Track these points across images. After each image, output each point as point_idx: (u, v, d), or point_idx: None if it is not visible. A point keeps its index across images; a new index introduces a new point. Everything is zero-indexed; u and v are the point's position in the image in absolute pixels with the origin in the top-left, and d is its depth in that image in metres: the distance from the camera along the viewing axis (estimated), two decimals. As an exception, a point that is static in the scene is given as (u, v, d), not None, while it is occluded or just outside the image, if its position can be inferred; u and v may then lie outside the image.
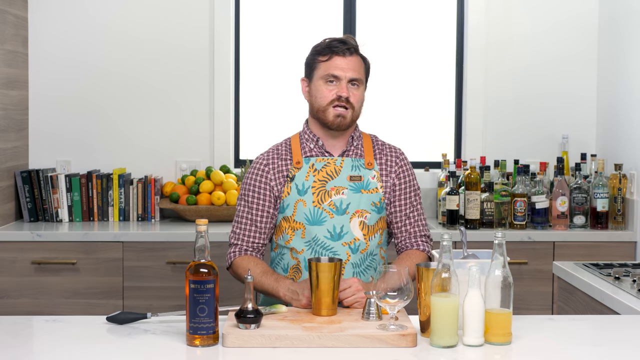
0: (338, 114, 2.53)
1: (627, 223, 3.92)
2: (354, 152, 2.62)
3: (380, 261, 2.61)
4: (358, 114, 2.59)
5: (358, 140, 2.64)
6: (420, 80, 4.53)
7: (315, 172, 2.57)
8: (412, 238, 2.64)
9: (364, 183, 2.58)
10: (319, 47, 2.58)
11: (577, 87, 4.37)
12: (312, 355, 1.93)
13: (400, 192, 2.64)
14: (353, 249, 2.54)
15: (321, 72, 2.54)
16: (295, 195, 2.56)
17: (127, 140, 4.30)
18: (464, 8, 4.39)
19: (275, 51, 4.46)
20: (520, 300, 3.71)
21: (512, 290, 2.03)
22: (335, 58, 2.53)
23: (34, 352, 2.02)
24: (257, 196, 2.59)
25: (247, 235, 2.61)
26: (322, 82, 2.54)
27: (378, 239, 2.60)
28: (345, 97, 2.51)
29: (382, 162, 2.64)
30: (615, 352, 2.00)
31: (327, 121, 2.55)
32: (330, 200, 2.55)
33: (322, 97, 2.54)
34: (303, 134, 2.65)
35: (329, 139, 2.62)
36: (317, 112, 2.57)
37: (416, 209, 2.66)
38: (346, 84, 2.53)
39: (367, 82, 2.64)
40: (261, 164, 2.62)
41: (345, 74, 2.52)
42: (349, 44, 2.56)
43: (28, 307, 3.72)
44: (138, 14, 4.29)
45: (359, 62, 2.57)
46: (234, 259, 2.60)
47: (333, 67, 2.53)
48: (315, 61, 2.57)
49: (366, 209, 2.56)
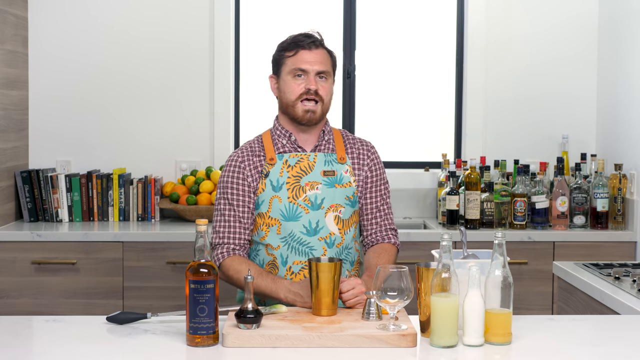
0: (307, 109, 2.54)
1: (627, 223, 3.92)
2: (325, 147, 2.63)
3: (355, 254, 2.62)
4: (327, 107, 2.60)
5: (329, 135, 2.65)
6: (420, 80, 4.53)
7: (289, 168, 2.58)
8: (383, 231, 2.66)
9: (338, 177, 2.59)
10: (285, 43, 2.61)
11: (577, 87, 4.37)
12: (312, 355, 1.93)
13: (372, 184, 2.65)
14: (329, 244, 2.54)
15: (288, 67, 2.56)
16: (270, 191, 2.56)
17: (127, 140, 4.30)
18: (464, 8, 4.39)
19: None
20: (520, 300, 3.71)
21: (512, 290, 2.03)
22: (301, 52, 2.55)
23: (34, 352, 2.02)
24: (237, 192, 2.57)
25: (233, 232, 2.57)
26: (290, 77, 2.55)
27: (353, 232, 2.61)
28: (314, 89, 2.53)
29: (354, 155, 2.65)
30: (615, 352, 2.00)
31: (296, 116, 2.56)
32: (305, 195, 2.55)
33: (291, 92, 2.55)
34: (274, 130, 2.64)
35: (300, 134, 2.62)
36: (287, 107, 2.58)
37: (386, 202, 2.68)
38: (314, 77, 2.54)
39: (334, 76, 2.64)
40: (237, 160, 2.60)
41: (312, 67, 2.54)
42: (314, 37, 2.58)
43: (28, 307, 3.72)
44: (137, 13, 4.28)
45: (325, 55, 2.59)
46: (223, 260, 2.54)
47: (300, 61, 2.54)
48: (282, 57, 2.59)
49: (340, 204, 2.57)
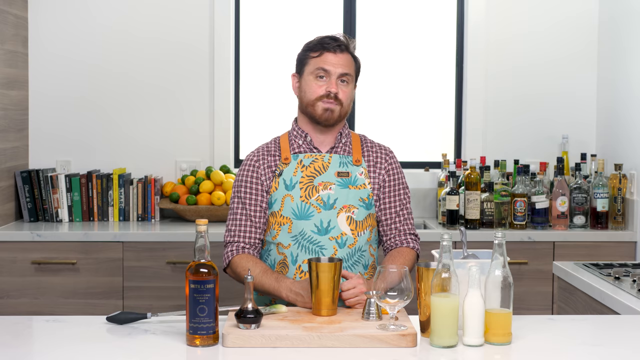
0: (326, 108, 2.56)
1: (627, 223, 3.92)
2: (342, 149, 2.64)
3: (369, 258, 2.61)
4: (347, 110, 2.61)
5: (347, 138, 2.67)
6: (420, 81, 4.53)
7: (303, 168, 2.59)
8: (402, 236, 2.64)
9: (352, 179, 2.60)
10: (311, 44, 2.63)
11: (576, 87, 4.37)
12: (312, 355, 1.93)
13: (390, 189, 2.65)
14: (340, 244, 2.54)
15: (311, 67, 2.58)
16: (283, 190, 2.57)
17: (127, 140, 4.30)
18: (464, 8, 4.39)
19: (275, 51, 4.46)
20: (520, 300, 3.71)
21: (512, 290, 2.03)
22: (326, 54, 2.57)
23: (34, 352, 2.02)
24: (251, 192, 2.60)
25: (244, 230, 2.59)
26: (312, 77, 2.58)
27: (367, 235, 2.60)
28: (335, 93, 2.55)
29: (371, 159, 2.66)
30: (615, 352, 2.00)
31: (315, 115, 2.58)
32: (318, 195, 2.56)
33: (312, 92, 2.58)
34: (292, 132, 2.68)
35: (317, 135, 2.64)
36: (307, 106, 2.60)
37: (406, 207, 2.67)
38: (336, 80, 2.56)
39: (356, 82, 2.66)
40: (252, 160, 2.65)
41: (335, 69, 2.56)
42: (340, 41, 2.60)
43: (28, 307, 3.72)
44: (138, 13, 4.28)
45: (349, 59, 2.60)
46: (232, 258, 2.57)
47: (323, 62, 2.56)
48: (307, 57, 2.61)
49: (354, 205, 2.57)
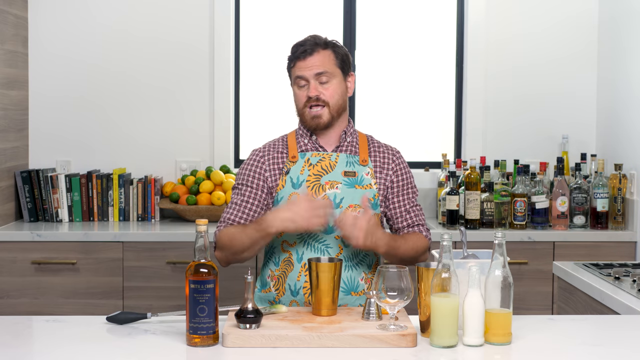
0: (313, 116, 2.59)
1: (627, 223, 3.92)
2: (347, 149, 2.65)
3: (374, 258, 2.62)
4: (339, 106, 2.61)
5: (352, 137, 2.67)
6: (420, 81, 4.53)
7: (311, 167, 2.61)
8: (415, 228, 2.65)
9: (358, 179, 2.61)
10: (289, 56, 2.67)
11: (577, 87, 4.37)
12: (312, 355, 1.93)
13: (399, 189, 2.65)
14: (345, 243, 2.54)
15: (292, 78, 2.66)
16: (290, 188, 2.58)
17: (127, 140, 4.30)
18: (464, 8, 4.39)
19: (275, 51, 4.46)
20: (520, 300, 3.71)
21: (512, 290, 2.03)
22: (297, 62, 2.62)
23: (34, 352, 2.02)
24: (250, 185, 2.61)
25: (234, 217, 2.58)
26: (296, 87, 2.64)
27: None
28: (315, 96, 2.58)
29: (377, 160, 2.66)
30: (615, 352, 2.00)
31: (306, 123, 2.63)
32: (324, 194, 2.57)
33: (298, 101, 2.64)
34: (298, 130, 2.70)
35: (320, 135, 2.66)
36: (298, 115, 2.67)
37: (416, 206, 2.68)
38: (314, 82, 2.58)
39: (346, 70, 2.64)
40: (257, 155, 2.68)
41: (309, 73, 2.58)
42: (306, 45, 2.61)
43: (28, 307, 3.72)
44: (137, 13, 4.29)
45: (322, 57, 2.60)
46: (217, 235, 2.57)
47: (298, 70, 2.61)
48: (289, 69, 2.68)
49: (360, 204, 2.57)
